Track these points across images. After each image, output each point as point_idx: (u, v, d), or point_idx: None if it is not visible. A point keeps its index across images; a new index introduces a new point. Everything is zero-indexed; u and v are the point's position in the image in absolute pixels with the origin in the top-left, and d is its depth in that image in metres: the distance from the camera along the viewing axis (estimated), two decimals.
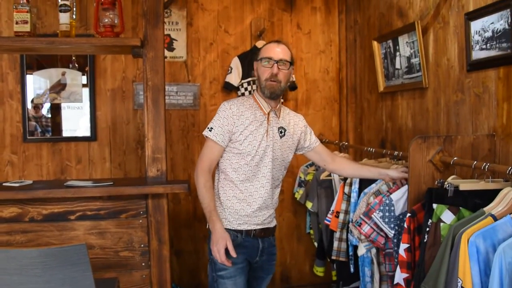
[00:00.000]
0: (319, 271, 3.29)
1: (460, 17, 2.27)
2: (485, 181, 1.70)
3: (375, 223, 2.05)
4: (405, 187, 2.07)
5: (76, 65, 3.25)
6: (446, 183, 1.68)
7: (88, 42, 1.90)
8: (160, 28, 2.04)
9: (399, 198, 2.05)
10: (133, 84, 3.30)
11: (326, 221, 2.64)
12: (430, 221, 1.68)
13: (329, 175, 3.01)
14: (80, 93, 3.22)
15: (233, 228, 1.99)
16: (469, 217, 1.54)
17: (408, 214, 1.82)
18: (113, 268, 2.04)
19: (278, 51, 2.06)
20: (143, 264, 2.07)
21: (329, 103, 3.65)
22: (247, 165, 1.99)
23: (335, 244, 2.52)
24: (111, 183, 2.00)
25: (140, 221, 2.07)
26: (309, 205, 3.11)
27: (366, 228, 2.07)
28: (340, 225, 2.50)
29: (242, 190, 2.00)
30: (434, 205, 1.66)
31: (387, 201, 2.04)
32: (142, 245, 2.07)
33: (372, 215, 2.04)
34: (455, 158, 1.87)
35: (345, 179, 2.54)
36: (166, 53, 3.23)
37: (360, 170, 2.23)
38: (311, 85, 3.61)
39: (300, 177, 3.43)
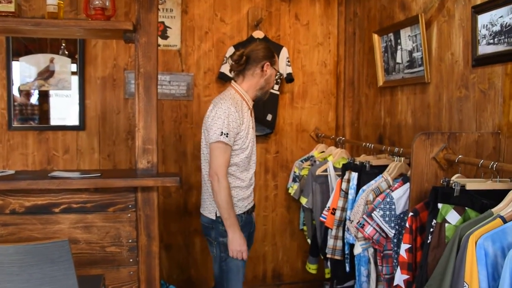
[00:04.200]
0: (311, 268, 3.22)
1: (467, 10, 2.19)
2: (492, 180, 1.63)
3: (377, 223, 1.97)
4: (407, 185, 2.00)
5: (66, 52, 3.13)
6: (452, 182, 1.60)
7: (77, 25, 1.78)
8: (154, 12, 1.93)
9: (400, 196, 1.98)
10: (125, 72, 3.18)
11: (321, 218, 2.56)
12: (434, 221, 1.60)
13: (325, 170, 2.93)
14: (69, 81, 3.10)
15: (240, 212, 2.24)
16: (476, 218, 1.47)
17: (411, 213, 1.74)
18: (99, 264, 1.94)
19: None
20: (131, 260, 1.98)
21: (326, 96, 3.56)
22: (246, 158, 2.24)
23: (331, 242, 2.45)
24: (99, 174, 1.90)
25: (129, 215, 1.97)
26: (303, 200, 3.02)
27: (369, 230, 1.99)
28: (336, 222, 2.43)
29: (243, 179, 2.25)
30: (439, 205, 1.59)
31: (388, 199, 1.97)
32: (130, 240, 1.98)
33: (373, 214, 1.96)
34: (460, 156, 1.79)
35: (342, 175, 2.46)
36: (160, 41, 3.11)
37: None
38: (308, 78, 3.52)
39: (294, 172, 3.35)
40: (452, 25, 2.32)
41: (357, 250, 2.15)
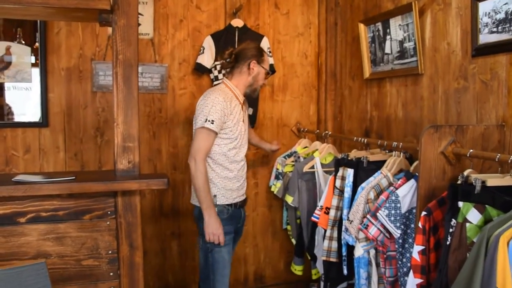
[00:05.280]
0: (297, 269, 3.07)
1: None
2: (511, 176, 1.52)
3: (382, 224, 1.83)
4: (411, 182, 1.87)
5: (23, 42, 2.80)
6: (472, 178, 1.49)
7: (44, 3, 1.51)
8: None
9: (406, 193, 1.85)
10: (92, 62, 2.88)
11: (313, 218, 2.40)
12: (454, 221, 1.48)
13: (313, 167, 2.78)
14: (29, 72, 2.77)
15: (227, 203, 2.33)
16: (503, 217, 1.35)
17: (424, 213, 1.61)
18: (74, 281, 1.69)
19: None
20: (111, 274, 1.74)
21: (307, 89, 3.41)
22: (234, 148, 2.33)
23: (325, 243, 2.30)
24: (73, 177, 1.64)
25: (108, 223, 1.73)
26: (289, 199, 2.87)
27: (373, 230, 1.85)
28: (331, 222, 2.28)
29: (231, 170, 2.34)
30: (460, 203, 1.46)
31: (393, 197, 1.84)
32: (110, 252, 1.74)
33: (378, 214, 1.82)
34: (471, 150, 1.68)
35: (336, 172, 2.32)
36: None
37: (260, 142, 2.97)
38: (289, 70, 3.36)
39: (277, 169, 3.18)
40: (449, 13, 2.22)
41: (358, 252, 2.01)
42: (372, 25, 2.78)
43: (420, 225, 1.62)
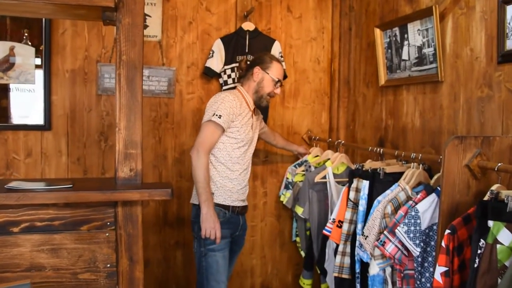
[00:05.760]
0: (306, 283, 2.94)
1: (491, 2, 1.97)
2: None
3: (400, 240, 1.70)
4: (432, 196, 1.74)
5: (29, 43, 2.72)
6: (503, 194, 1.36)
7: None
8: None
9: (426, 209, 1.72)
10: (98, 65, 2.80)
11: (325, 231, 2.28)
12: (482, 241, 1.35)
13: (325, 177, 2.66)
14: (33, 73, 2.68)
15: (226, 204, 2.29)
16: None
17: (447, 231, 1.48)
18: None
19: (283, 74, 2.49)
20: None
21: (319, 96, 3.29)
22: (238, 150, 2.31)
23: (337, 259, 2.17)
24: (70, 185, 1.54)
25: (107, 234, 1.62)
26: (299, 210, 2.74)
27: (390, 248, 1.72)
28: (344, 236, 2.15)
29: (233, 171, 2.31)
30: (490, 222, 1.33)
31: (413, 213, 1.71)
32: (109, 265, 1.62)
33: (396, 230, 1.69)
34: (499, 163, 1.55)
35: (349, 183, 2.19)
36: None
37: (286, 144, 2.97)
38: (300, 75, 3.25)
39: (287, 178, 3.06)
40: (472, 17, 2.09)
41: (374, 269, 1.88)
42: (389, 30, 2.66)
43: (443, 244, 1.49)
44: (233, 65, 2.94)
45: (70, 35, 2.73)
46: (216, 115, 2.17)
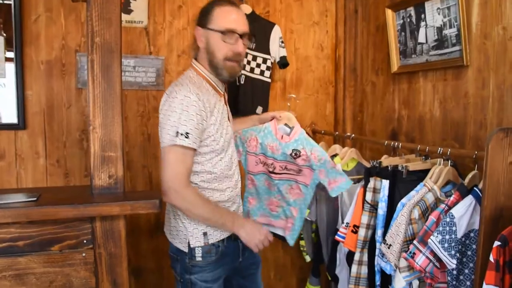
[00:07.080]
0: None
1: None
2: None
3: (432, 251, 1.44)
4: (469, 199, 1.48)
5: (4, 34, 2.42)
6: None
7: None
8: None
9: (462, 214, 1.46)
10: (77, 55, 2.50)
11: (338, 237, 2.02)
12: None
13: None
14: (3, 66, 2.39)
15: (218, 240, 1.70)
16: None
17: (497, 243, 1.22)
18: None
19: (242, 21, 1.68)
20: None
21: (323, 85, 3.02)
22: (221, 161, 1.70)
23: (354, 269, 1.91)
24: (33, 199, 1.25)
25: (83, 254, 1.34)
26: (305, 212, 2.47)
27: (421, 259, 1.46)
28: (361, 244, 1.89)
29: (223, 190, 1.72)
30: None
31: (447, 219, 1.44)
32: None
33: (429, 240, 1.43)
34: None
35: (365, 183, 1.92)
36: (122, 16, 2.46)
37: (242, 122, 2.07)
38: (302, 63, 2.97)
39: None
40: None
41: (400, 284, 1.61)
42: (403, 10, 2.38)
43: (491, 259, 1.23)
44: None
45: (44, 22, 2.43)
46: (181, 133, 1.51)
